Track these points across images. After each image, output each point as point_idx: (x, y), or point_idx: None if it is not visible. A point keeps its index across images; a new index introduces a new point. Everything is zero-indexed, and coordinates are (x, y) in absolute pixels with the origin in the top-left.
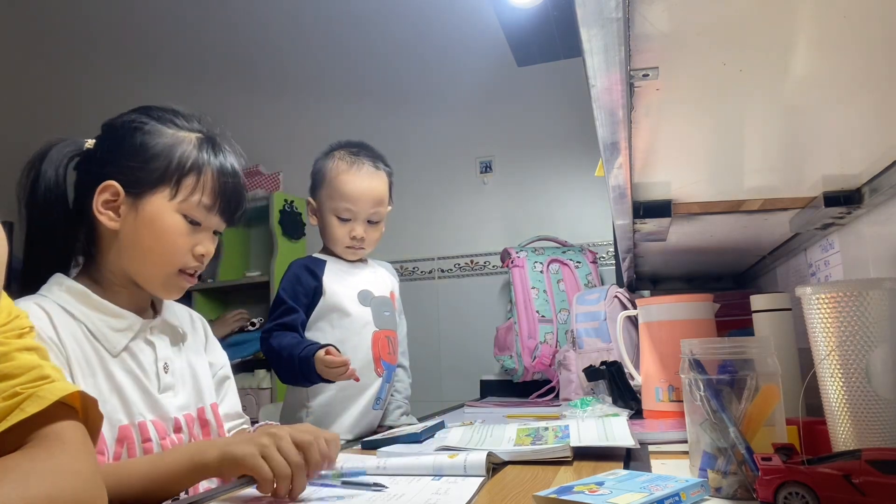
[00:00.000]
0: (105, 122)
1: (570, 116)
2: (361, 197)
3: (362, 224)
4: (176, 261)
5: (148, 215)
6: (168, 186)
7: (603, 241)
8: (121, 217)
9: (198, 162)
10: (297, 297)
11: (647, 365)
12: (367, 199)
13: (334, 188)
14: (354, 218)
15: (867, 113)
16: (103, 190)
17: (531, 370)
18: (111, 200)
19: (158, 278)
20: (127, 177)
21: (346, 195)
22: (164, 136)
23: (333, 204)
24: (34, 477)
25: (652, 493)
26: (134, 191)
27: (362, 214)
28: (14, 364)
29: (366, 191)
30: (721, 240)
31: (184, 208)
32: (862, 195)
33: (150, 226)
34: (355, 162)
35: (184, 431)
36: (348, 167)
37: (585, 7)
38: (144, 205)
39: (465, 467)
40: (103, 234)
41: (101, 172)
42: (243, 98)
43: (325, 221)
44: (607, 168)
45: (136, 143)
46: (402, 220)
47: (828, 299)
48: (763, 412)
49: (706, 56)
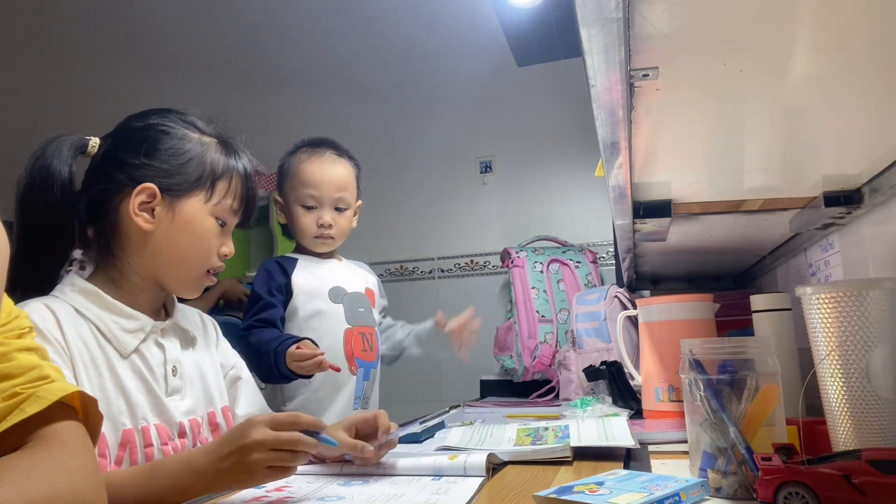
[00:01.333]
0: (123, 124)
1: (570, 116)
2: (324, 181)
3: (329, 211)
4: (204, 261)
5: (185, 217)
6: (203, 190)
7: (603, 241)
8: (155, 219)
9: (227, 166)
10: (272, 293)
11: (647, 365)
12: (329, 184)
13: (297, 178)
14: (319, 204)
15: (867, 113)
16: (139, 192)
17: (531, 370)
18: (146, 202)
19: (189, 279)
20: (164, 180)
21: (308, 181)
22: (192, 141)
23: (297, 193)
24: (34, 477)
25: (652, 493)
26: (171, 194)
27: (326, 199)
28: (14, 364)
29: (328, 175)
30: (721, 240)
31: (216, 211)
32: (862, 195)
33: (187, 228)
34: (317, 151)
35: (188, 436)
36: (309, 156)
37: (585, 7)
38: (181, 207)
39: (465, 468)
40: (130, 235)
41: (133, 176)
42: (243, 98)
43: (292, 214)
44: (607, 168)
45: (170, 147)
46: (402, 220)
47: (828, 299)
48: (763, 412)
49: (706, 56)
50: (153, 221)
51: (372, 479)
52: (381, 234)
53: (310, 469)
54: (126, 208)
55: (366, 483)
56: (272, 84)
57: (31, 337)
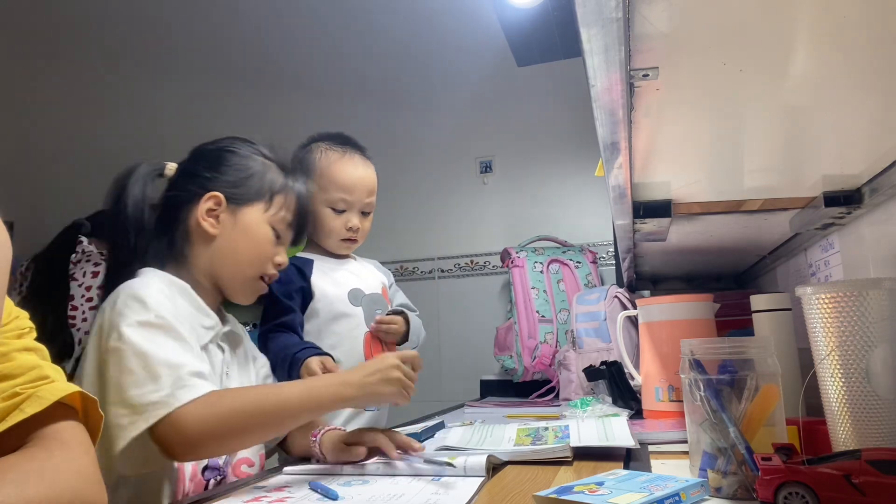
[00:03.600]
0: (198, 147)
1: (570, 116)
2: (357, 186)
3: (357, 215)
4: (261, 266)
5: (245, 224)
6: (263, 201)
7: (603, 241)
8: (220, 224)
9: (285, 185)
10: (292, 297)
11: (647, 365)
12: (362, 188)
13: (328, 179)
14: (350, 208)
15: (867, 113)
16: (208, 199)
17: (531, 370)
18: (213, 209)
19: (243, 281)
20: (229, 190)
21: (342, 185)
22: (255, 161)
23: (327, 195)
24: (34, 477)
25: (652, 493)
26: (235, 202)
27: (357, 204)
28: (14, 364)
29: (361, 179)
30: (721, 240)
31: (273, 221)
32: (862, 195)
33: (246, 232)
34: (347, 151)
35: None
36: (340, 156)
37: (585, 7)
38: (243, 215)
39: (465, 469)
40: (197, 239)
41: (203, 186)
42: (243, 98)
43: (319, 215)
44: (607, 168)
45: (235, 163)
46: (402, 220)
47: (828, 299)
48: (763, 412)
49: (706, 56)
50: (218, 226)
51: (372, 480)
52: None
53: (310, 469)
54: (194, 213)
55: (366, 483)
56: (272, 83)
57: (31, 337)
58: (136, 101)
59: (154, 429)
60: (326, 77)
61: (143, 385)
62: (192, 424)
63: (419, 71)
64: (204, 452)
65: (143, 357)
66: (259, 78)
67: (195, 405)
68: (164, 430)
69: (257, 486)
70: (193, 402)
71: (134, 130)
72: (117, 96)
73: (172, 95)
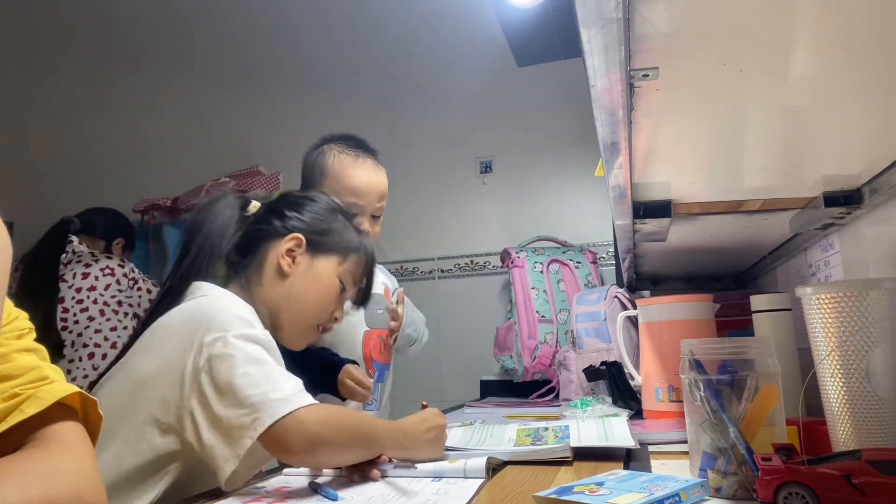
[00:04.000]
0: (287, 192)
1: (570, 116)
2: (369, 191)
3: (368, 219)
4: (321, 315)
5: (318, 271)
6: (339, 255)
7: (603, 241)
8: (295, 265)
9: (361, 245)
10: None
11: (647, 365)
12: (374, 193)
13: (339, 183)
14: (361, 213)
15: (867, 113)
16: (291, 239)
17: (531, 370)
18: (293, 250)
19: (303, 326)
20: (311, 236)
21: (355, 189)
22: (338, 218)
23: (340, 199)
24: (33, 477)
25: (652, 494)
26: (313, 249)
27: (368, 209)
28: (13, 365)
29: (373, 184)
30: (721, 240)
31: (343, 275)
32: (862, 195)
33: (317, 280)
34: (359, 155)
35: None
36: (353, 160)
37: (585, 7)
38: (318, 263)
39: (465, 471)
40: (271, 273)
41: (288, 226)
42: (243, 98)
43: None
44: (607, 168)
45: (320, 213)
46: (402, 220)
47: (828, 299)
48: (763, 412)
49: (706, 56)
50: (293, 267)
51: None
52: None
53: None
54: (276, 249)
55: (366, 482)
56: (272, 83)
57: (30, 337)
58: (135, 102)
59: (274, 427)
60: (327, 77)
61: (262, 385)
62: (313, 425)
63: (419, 71)
64: (318, 455)
65: (257, 364)
66: (259, 78)
67: (315, 408)
68: (286, 426)
69: (257, 487)
70: (312, 406)
71: (133, 131)
72: (117, 96)
73: (172, 96)
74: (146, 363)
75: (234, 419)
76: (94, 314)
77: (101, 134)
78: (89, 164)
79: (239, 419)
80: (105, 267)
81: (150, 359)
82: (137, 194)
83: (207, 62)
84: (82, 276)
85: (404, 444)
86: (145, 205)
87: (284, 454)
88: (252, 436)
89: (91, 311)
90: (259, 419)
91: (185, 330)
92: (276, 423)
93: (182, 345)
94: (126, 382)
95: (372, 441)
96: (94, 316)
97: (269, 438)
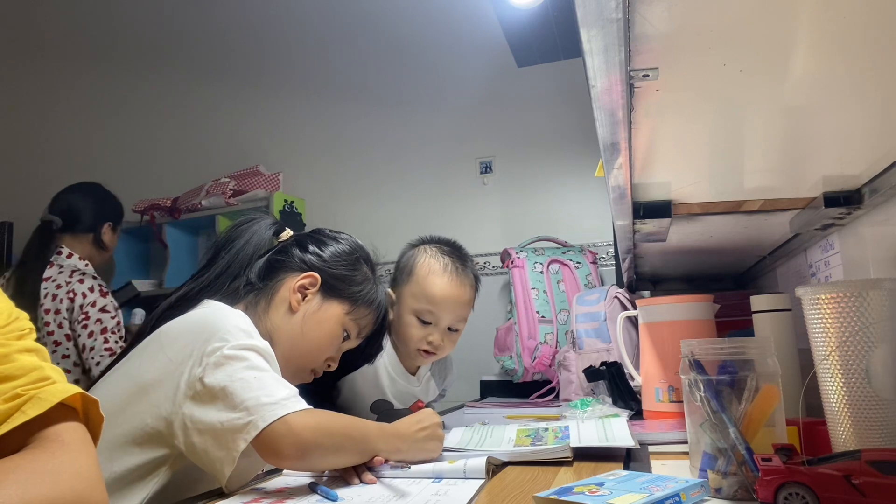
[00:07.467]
0: (320, 228)
1: (570, 116)
2: (447, 304)
3: (442, 331)
4: (317, 358)
5: (324, 315)
6: (350, 303)
7: (603, 242)
8: (304, 303)
9: (375, 299)
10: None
11: (647, 365)
12: (452, 308)
13: (421, 287)
14: (436, 323)
15: (867, 113)
16: (306, 276)
17: (531, 371)
18: (305, 287)
19: (296, 366)
20: (328, 279)
21: (431, 297)
22: (361, 270)
23: (417, 304)
24: (35, 478)
25: (652, 494)
26: (327, 290)
27: (444, 321)
28: (15, 366)
29: (454, 297)
30: (721, 240)
31: (348, 324)
32: (862, 195)
33: (322, 323)
34: (448, 264)
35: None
36: (441, 269)
37: (585, 7)
38: (328, 305)
39: (465, 471)
40: (279, 304)
41: (308, 263)
42: (244, 98)
43: (403, 319)
44: (607, 168)
45: (343, 258)
46: (402, 220)
47: (828, 300)
48: (763, 412)
49: (706, 56)
50: (302, 305)
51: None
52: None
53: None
54: (289, 282)
55: (365, 484)
56: (273, 84)
57: (31, 338)
58: (135, 102)
59: (266, 431)
60: (327, 77)
61: (256, 390)
62: (303, 430)
63: (419, 71)
64: (310, 460)
65: (254, 370)
66: (260, 79)
67: (306, 413)
68: (276, 431)
69: (257, 487)
70: (305, 410)
71: (133, 131)
72: (117, 97)
73: (172, 96)
74: (144, 368)
75: (228, 422)
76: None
77: (101, 134)
78: (89, 165)
79: (232, 422)
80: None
81: (149, 365)
82: (137, 194)
83: (208, 62)
84: (69, 296)
85: (399, 445)
86: (145, 205)
87: (276, 459)
88: (246, 438)
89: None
90: (252, 423)
91: (187, 340)
92: (267, 428)
93: (182, 353)
94: (123, 385)
95: (364, 444)
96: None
97: (261, 443)
